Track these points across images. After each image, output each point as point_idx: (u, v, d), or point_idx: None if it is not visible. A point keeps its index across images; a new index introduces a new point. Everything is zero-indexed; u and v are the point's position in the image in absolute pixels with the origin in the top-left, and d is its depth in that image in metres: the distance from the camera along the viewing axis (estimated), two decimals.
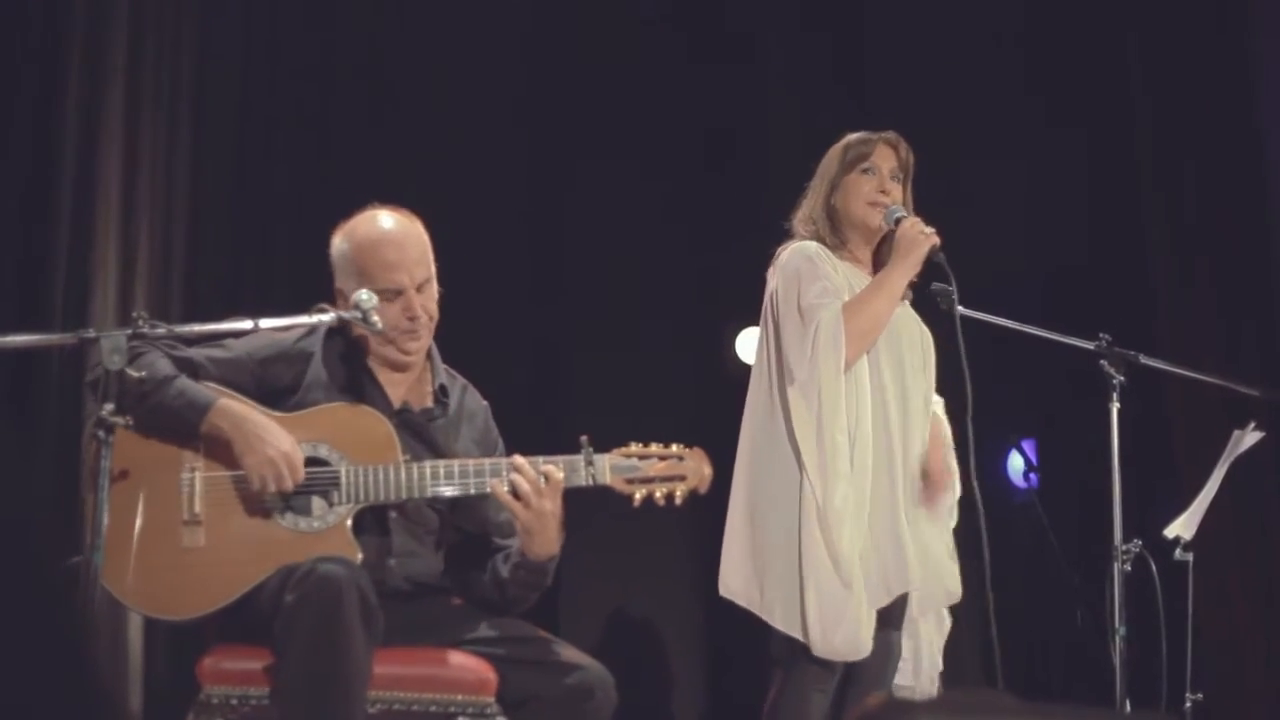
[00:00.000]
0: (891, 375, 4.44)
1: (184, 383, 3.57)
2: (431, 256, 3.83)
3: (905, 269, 4.39)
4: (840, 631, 4.23)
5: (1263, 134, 6.38)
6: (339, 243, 3.83)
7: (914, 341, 4.54)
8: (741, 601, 4.35)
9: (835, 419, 4.25)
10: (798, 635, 4.24)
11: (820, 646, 4.23)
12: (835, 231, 4.52)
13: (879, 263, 4.54)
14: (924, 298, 4.70)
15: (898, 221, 4.45)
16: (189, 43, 5.85)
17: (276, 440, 3.55)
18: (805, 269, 4.40)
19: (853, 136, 4.60)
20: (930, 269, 4.45)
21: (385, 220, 3.82)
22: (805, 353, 4.31)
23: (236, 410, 3.58)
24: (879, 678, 4.45)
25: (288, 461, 3.54)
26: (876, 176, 4.53)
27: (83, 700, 1.64)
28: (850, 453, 4.28)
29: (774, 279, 4.47)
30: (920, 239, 4.38)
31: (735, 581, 4.36)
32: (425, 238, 3.84)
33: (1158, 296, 6.63)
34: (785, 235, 4.60)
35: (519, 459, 3.67)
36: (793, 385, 4.32)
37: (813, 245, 4.47)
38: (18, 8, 5.41)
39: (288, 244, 6.04)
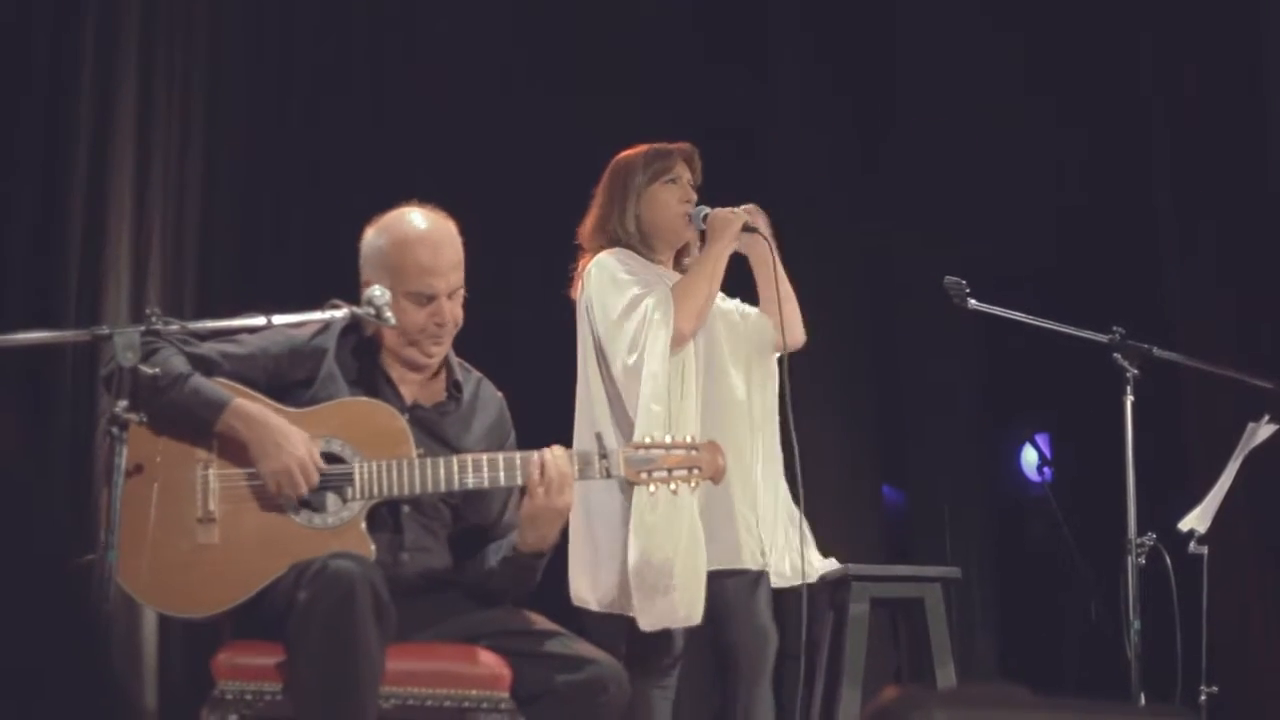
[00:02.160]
0: (717, 360, 4.55)
1: (198, 380, 3.57)
2: (463, 261, 3.81)
3: (723, 246, 4.51)
4: (661, 601, 4.27)
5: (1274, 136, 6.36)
6: (373, 237, 3.81)
7: (735, 327, 4.64)
8: (595, 608, 4.41)
9: (656, 394, 4.31)
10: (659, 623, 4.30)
11: (644, 620, 4.29)
12: (642, 241, 4.61)
13: (682, 269, 4.66)
14: (938, 291, 4.70)
15: (705, 218, 4.56)
16: (201, 39, 5.86)
17: (292, 445, 3.55)
18: (619, 271, 4.49)
19: (649, 148, 4.67)
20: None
21: (423, 221, 3.80)
22: (637, 339, 4.37)
23: (251, 411, 3.58)
24: (757, 665, 4.47)
25: (303, 467, 3.54)
26: (680, 187, 4.63)
27: (98, 696, 1.65)
28: (669, 426, 4.29)
29: (584, 293, 4.53)
30: (731, 218, 4.52)
31: (582, 587, 4.44)
32: (460, 243, 3.82)
33: (1171, 288, 6.62)
34: (578, 251, 4.66)
35: (559, 449, 3.68)
36: (622, 374, 4.38)
37: (618, 251, 4.56)
38: (29, 7, 5.42)
39: (301, 241, 6.04)
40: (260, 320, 3.58)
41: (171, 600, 3.60)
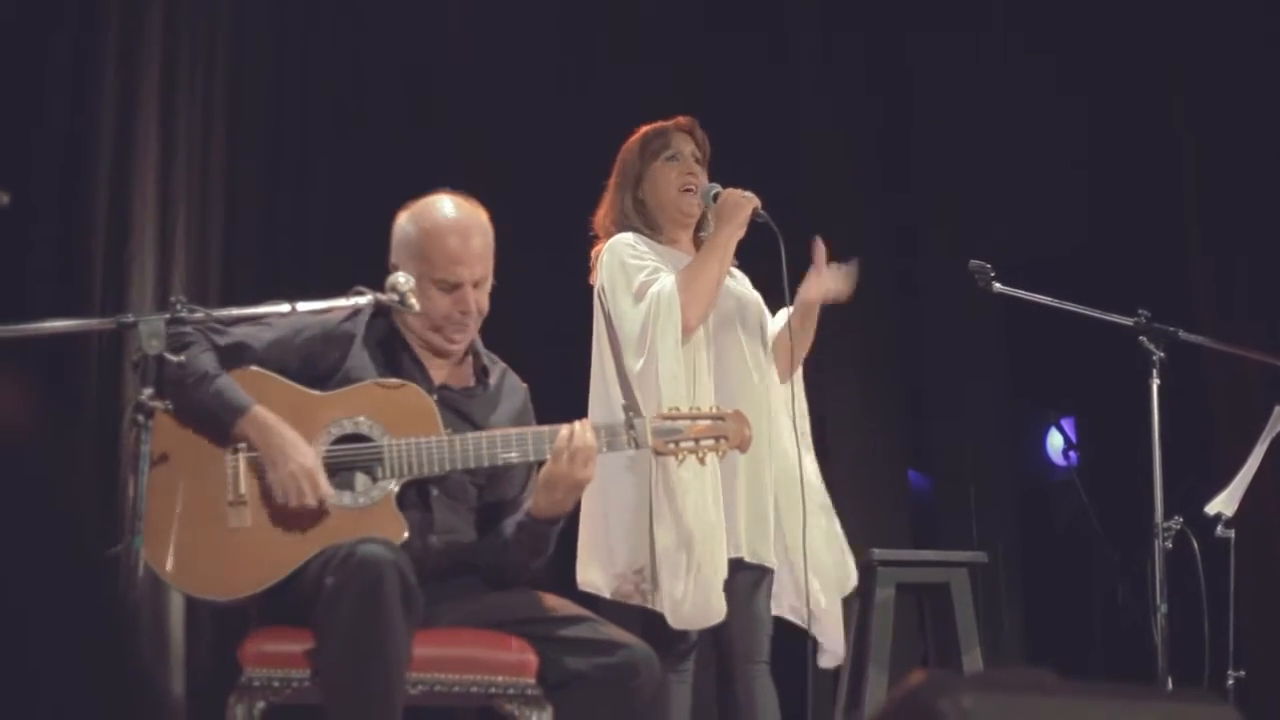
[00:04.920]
0: (730, 345, 4.48)
1: (224, 382, 3.60)
2: (492, 251, 3.85)
3: (731, 231, 4.44)
4: (688, 601, 4.22)
5: None
6: (405, 223, 3.85)
7: (746, 309, 4.57)
8: (606, 594, 4.36)
9: (675, 390, 4.26)
10: (657, 608, 4.25)
11: (674, 617, 4.24)
12: (648, 223, 4.58)
13: (699, 244, 4.60)
14: (963, 276, 4.69)
15: (715, 196, 4.50)
16: (224, 29, 5.86)
17: (300, 456, 3.57)
18: (627, 256, 4.46)
19: (645, 129, 4.64)
20: (755, 228, 4.48)
21: (454, 210, 3.84)
22: (645, 330, 4.33)
23: (267, 420, 3.60)
24: (751, 645, 4.43)
25: (308, 475, 3.56)
26: (681, 162, 4.59)
27: (126, 685, 1.65)
28: None
29: (599, 279, 4.50)
30: (743, 201, 4.44)
31: (592, 573, 4.38)
32: (490, 232, 3.87)
33: (1196, 272, 6.59)
34: (590, 241, 4.63)
35: (585, 422, 3.73)
36: (634, 366, 4.33)
37: (628, 235, 4.52)
38: (55, 1, 5.44)
39: (324, 227, 6.05)
40: (285, 307, 3.60)
41: (203, 583, 3.61)
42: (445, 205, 3.85)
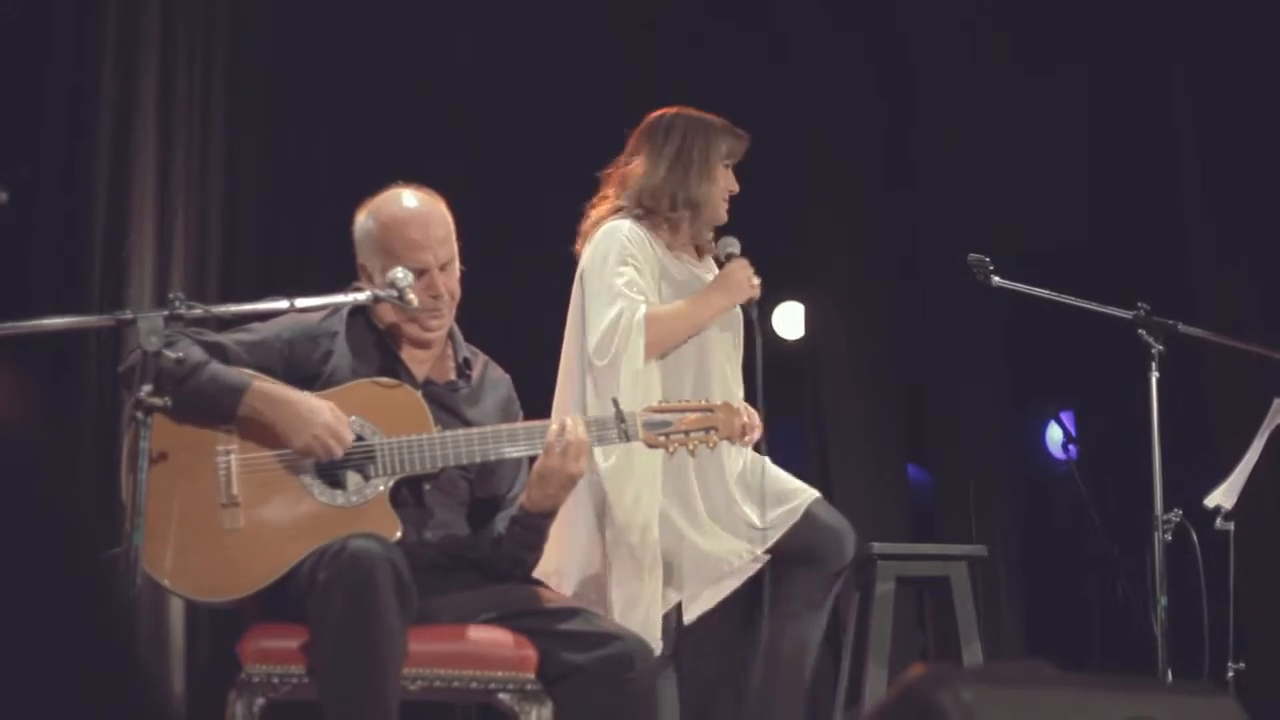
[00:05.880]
0: (710, 358, 4.42)
1: (216, 368, 3.61)
2: (454, 235, 3.88)
3: (720, 307, 4.39)
4: (633, 619, 4.15)
5: None
6: (363, 221, 3.88)
7: (728, 325, 4.50)
8: (553, 584, 4.27)
9: (634, 396, 4.13)
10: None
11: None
12: (673, 210, 4.45)
13: (699, 252, 4.53)
14: (963, 270, 4.69)
15: (729, 257, 4.43)
16: (222, 24, 5.86)
17: (318, 414, 3.58)
18: (616, 252, 4.35)
19: (723, 122, 4.54)
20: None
21: (410, 199, 3.88)
22: (609, 340, 4.25)
23: (272, 391, 3.62)
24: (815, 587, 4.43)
25: (333, 432, 3.58)
26: (731, 173, 4.52)
27: (126, 681, 1.65)
28: None
29: (585, 256, 4.42)
30: (746, 287, 4.39)
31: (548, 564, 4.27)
32: (449, 217, 3.89)
33: (1196, 264, 6.59)
34: (596, 183, 4.55)
35: (575, 416, 3.78)
36: (595, 369, 4.27)
37: (626, 225, 4.41)
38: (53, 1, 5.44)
39: (323, 225, 6.04)
40: (283, 303, 3.60)
41: (199, 586, 3.61)
42: (402, 197, 3.88)
